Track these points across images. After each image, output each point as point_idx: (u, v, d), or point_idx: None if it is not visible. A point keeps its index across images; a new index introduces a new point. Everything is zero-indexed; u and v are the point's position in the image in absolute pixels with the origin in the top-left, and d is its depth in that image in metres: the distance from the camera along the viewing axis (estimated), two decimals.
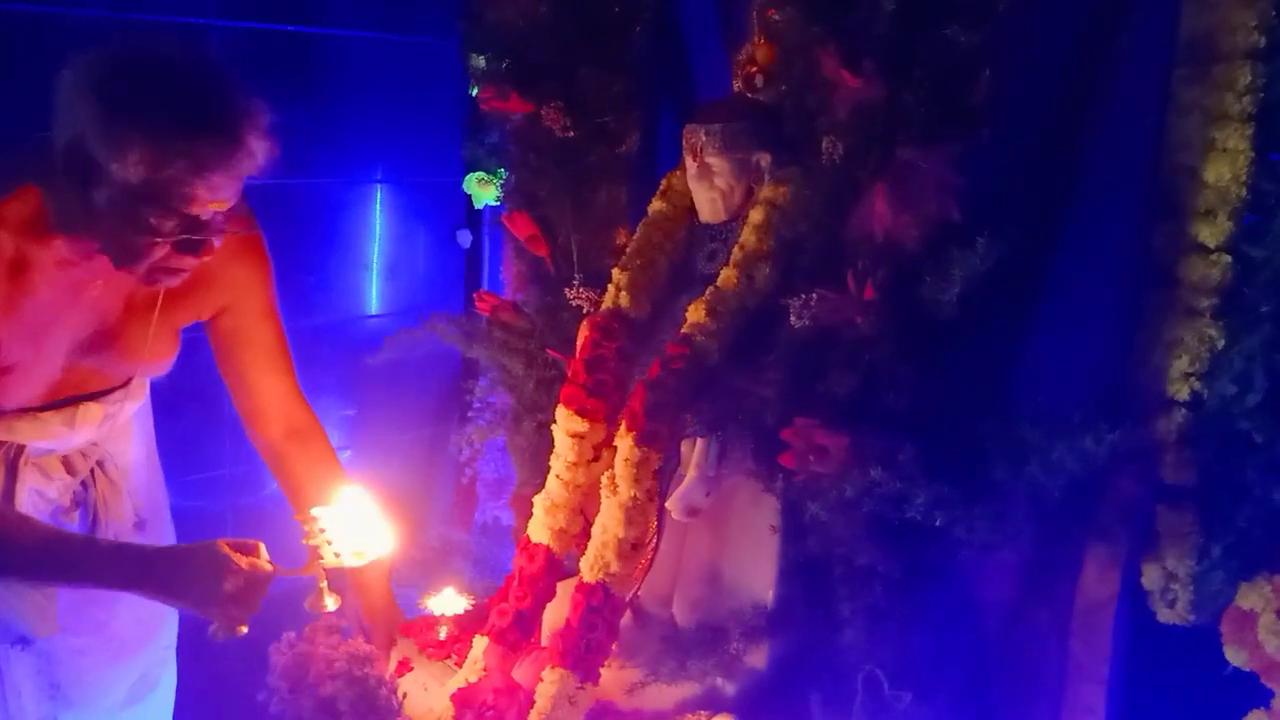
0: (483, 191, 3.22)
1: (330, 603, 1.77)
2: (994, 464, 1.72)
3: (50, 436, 1.84)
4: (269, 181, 3.25)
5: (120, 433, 2.02)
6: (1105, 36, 1.87)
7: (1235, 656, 1.88)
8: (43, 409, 1.80)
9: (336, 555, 1.76)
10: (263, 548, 1.73)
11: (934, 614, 1.96)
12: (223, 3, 3.04)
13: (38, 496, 1.89)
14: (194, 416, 3.16)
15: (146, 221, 1.56)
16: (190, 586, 1.65)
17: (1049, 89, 1.95)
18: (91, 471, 1.98)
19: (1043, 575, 2.02)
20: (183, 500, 2.73)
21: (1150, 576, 1.92)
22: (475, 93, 3.14)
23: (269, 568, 1.72)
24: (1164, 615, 1.93)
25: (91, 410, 1.87)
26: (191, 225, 1.60)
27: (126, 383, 1.93)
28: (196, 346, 2.08)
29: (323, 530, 1.76)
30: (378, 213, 3.48)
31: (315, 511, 1.78)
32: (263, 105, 1.63)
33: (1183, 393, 1.84)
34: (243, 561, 1.67)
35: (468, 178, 3.23)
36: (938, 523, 1.68)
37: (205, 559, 1.65)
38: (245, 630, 1.70)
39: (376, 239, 3.44)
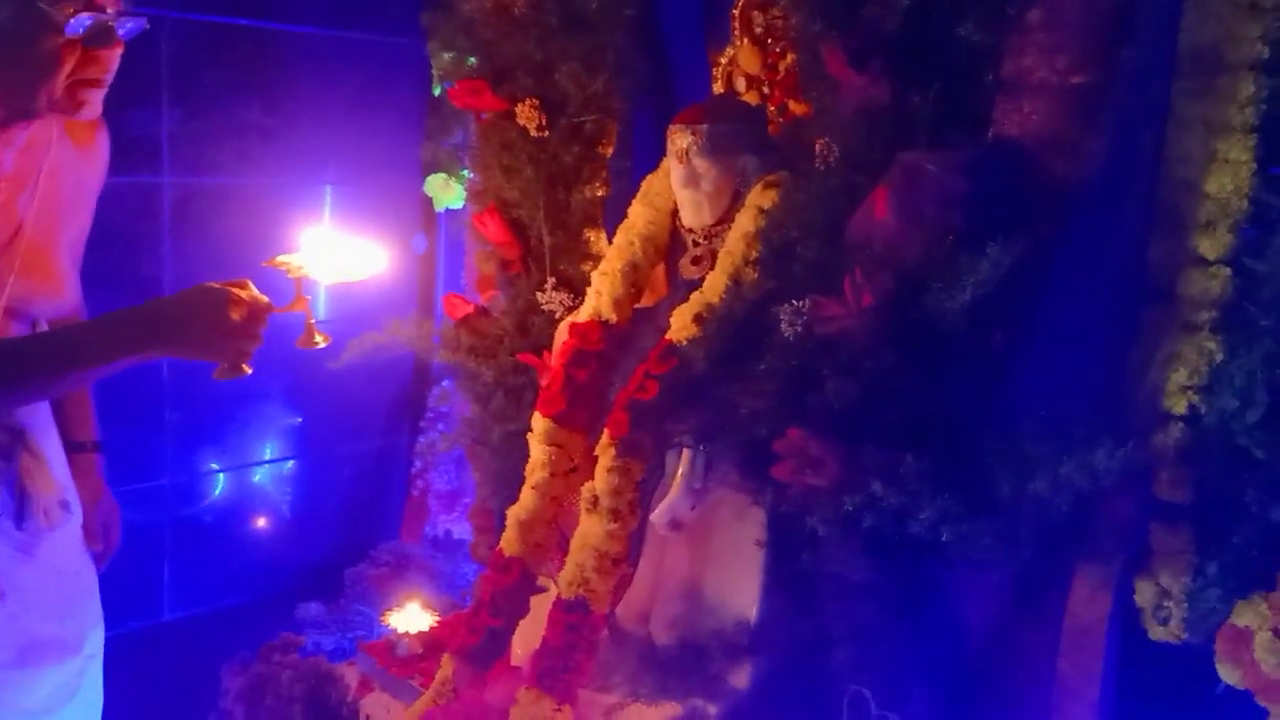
0: (444, 194, 3.13)
1: (320, 340, 1.65)
2: (998, 479, 1.67)
3: None
4: (219, 180, 3.17)
5: None
6: (1107, 51, 1.84)
7: (1229, 674, 1.85)
8: None
9: (331, 276, 1.63)
10: (249, 281, 1.61)
11: (923, 633, 1.91)
12: None
13: None
14: (132, 424, 3.02)
15: (46, 18, 1.46)
16: (198, 325, 1.52)
17: None
18: (11, 442, 1.82)
19: (1031, 593, 1.97)
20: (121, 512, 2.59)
21: (1143, 594, 1.89)
22: (439, 91, 3.06)
23: (264, 297, 1.60)
24: (1156, 633, 1.90)
25: None
26: (88, 7, 1.48)
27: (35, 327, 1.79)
28: None
29: (301, 266, 1.62)
30: (327, 214, 3.37)
31: (285, 257, 1.65)
32: None
33: (1180, 407, 1.81)
34: (243, 292, 1.56)
35: (429, 179, 3.14)
36: (944, 538, 1.63)
37: (204, 296, 1.52)
38: (250, 370, 1.58)
39: None
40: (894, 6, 1.65)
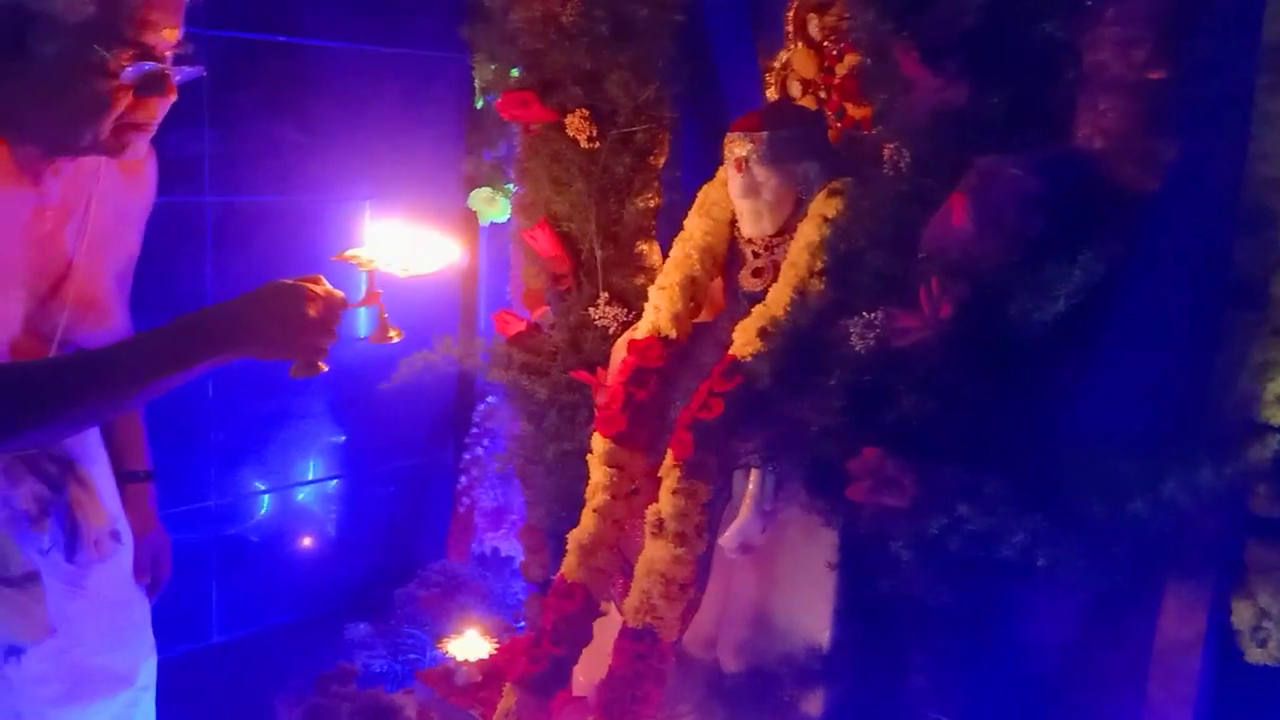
0: (489, 209, 3.08)
1: (394, 334, 1.59)
2: (1090, 498, 1.58)
3: None
4: (260, 198, 3.13)
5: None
6: (1186, 45, 1.76)
7: None
8: None
9: (405, 269, 1.57)
10: (322, 276, 1.56)
11: (1003, 656, 1.83)
12: (211, 11, 2.90)
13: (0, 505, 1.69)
14: (176, 447, 2.99)
15: (102, 62, 1.44)
16: (274, 322, 1.47)
17: None
18: (61, 473, 1.78)
19: (1117, 613, 1.89)
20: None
21: (1241, 615, 1.80)
22: (481, 104, 3.01)
23: (339, 292, 1.54)
24: (1254, 655, 1.81)
25: None
26: (146, 56, 1.47)
27: None
28: None
29: (373, 259, 1.57)
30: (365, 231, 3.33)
31: (356, 250, 1.59)
32: None
33: (1277, 417, 1.72)
34: (317, 287, 1.51)
35: (473, 194, 3.09)
36: (1040, 563, 1.54)
37: (278, 293, 1.47)
38: (326, 368, 1.53)
39: None
40: (969, 3, 1.57)
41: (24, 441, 1.59)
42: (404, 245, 1.56)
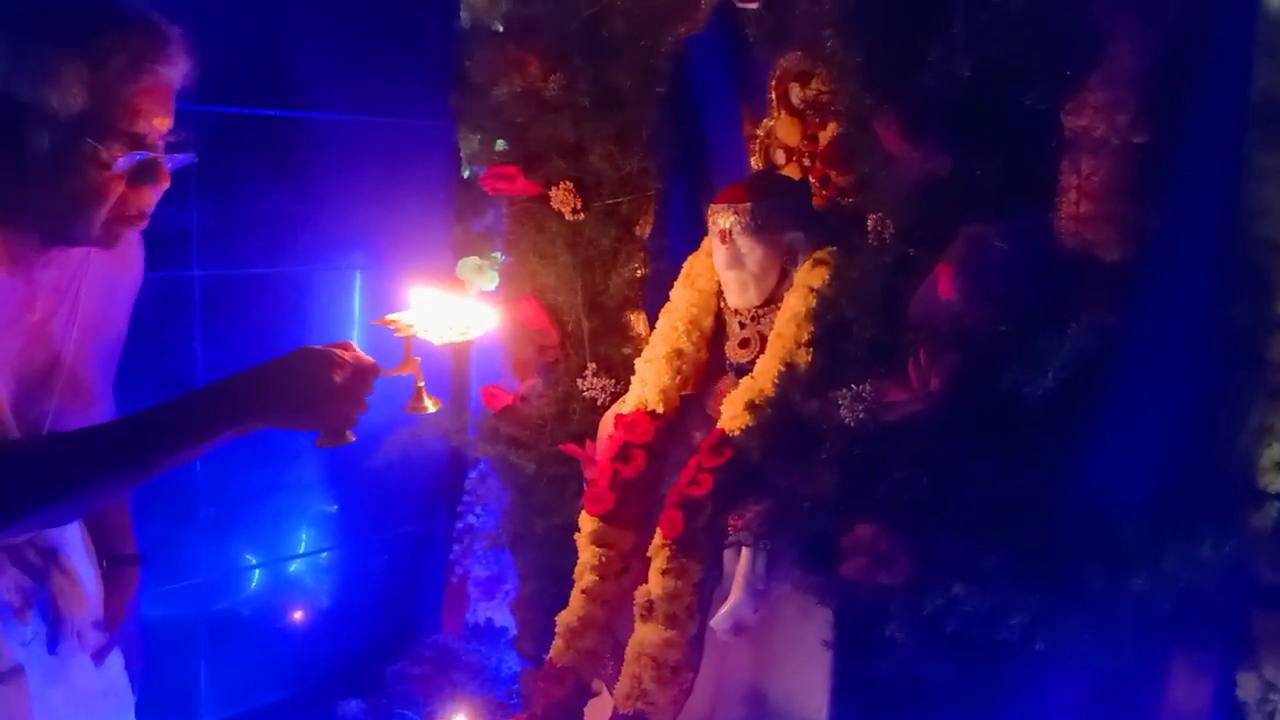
0: (477, 277, 3.06)
1: (430, 405, 1.54)
2: (1090, 572, 1.54)
3: None
4: (249, 270, 3.12)
5: None
6: (1173, 108, 1.75)
7: None
8: None
9: (441, 337, 1.52)
10: (352, 342, 1.51)
11: None
12: (200, 86, 2.90)
13: None
14: (163, 522, 2.95)
15: (95, 153, 1.43)
16: (300, 389, 1.45)
17: None
18: (44, 563, 1.73)
19: (1126, 689, 1.84)
20: (152, 612, 2.51)
21: (1246, 687, 1.76)
22: (467, 174, 3.01)
23: (369, 358, 1.49)
24: None
25: None
26: (138, 145, 1.46)
27: None
28: None
29: (411, 325, 1.52)
30: (357, 300, 3.32)
31: (395, 315, 1.54)
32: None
33: (1277, 484, 1.69)
34: (345, 354, 1.46)
35: (461, 263, 3.07)
36: (1038, 646, 1.50)
37: (304, 359, 1.45)
38: (353, 438, 1.48)
39: (356, 327, 3.27)
40: (953, 76, 1.56)
41: (44, 518, 1.54)
42: (444, 313, 1.54)
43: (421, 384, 1.55)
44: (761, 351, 1.96)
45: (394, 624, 3.44)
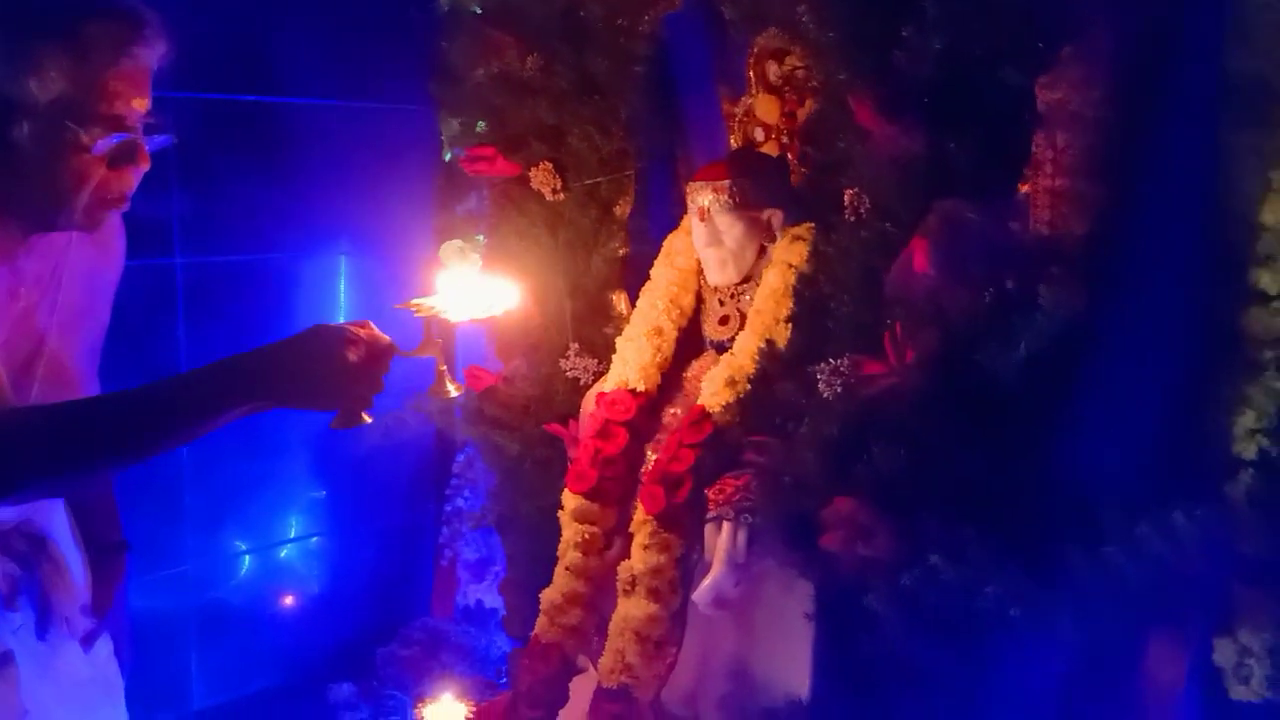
0: (460, 260, 3.06)
1: (452, 389, 1.53)
2: (1067, 545, 1.56)
3: None
4: (233, 258, 3.11)
5: (54, 501, 1.79)
6: (1147, 84, 1.76)
7: None
8: None
9: (463, 314, 1.51)
10: (370, 322, 1.51)
11: (989, 708, 1.79)
12: (180, 73, 2.89)
13: None
14: (151, 511, 2.95)
15: (75, 138, 1.43)
16: (314, 368, 1.43)
17: None
18: (32, 551, 1.74)
19: (1105, 661, 1.85)
20: (141, 601, 2.51)
21: (1223, 653, 1.77)
22: (449, 157, 3.01)
23: (386, 337, 1.49)
24: (1237, 692, 1.77)
25: None
26: (117, 128, 1.46)
27: None
28: None
29: (432, 306, 1.51)
30: (342, 286, 3.32)
31: (419, 299, 1.53)
32: None
33: (1250, 451, 1.70)
34: (362, 332, 1.46)
35: (444, 246, 3.08)
36: (1013, 613, 1.52)
37: (319, 337, 1.43)
38: (369, 420, 1.48)
39: (341, 313, 3.27)
40: (926, 52, 1.57)
41: (46, 488, 1.54)
42: (467, 292, 1.52)
43: (444, 367, 1.52)
44: (741, 328, 1.97)
45: (385, 609, 3.45)
